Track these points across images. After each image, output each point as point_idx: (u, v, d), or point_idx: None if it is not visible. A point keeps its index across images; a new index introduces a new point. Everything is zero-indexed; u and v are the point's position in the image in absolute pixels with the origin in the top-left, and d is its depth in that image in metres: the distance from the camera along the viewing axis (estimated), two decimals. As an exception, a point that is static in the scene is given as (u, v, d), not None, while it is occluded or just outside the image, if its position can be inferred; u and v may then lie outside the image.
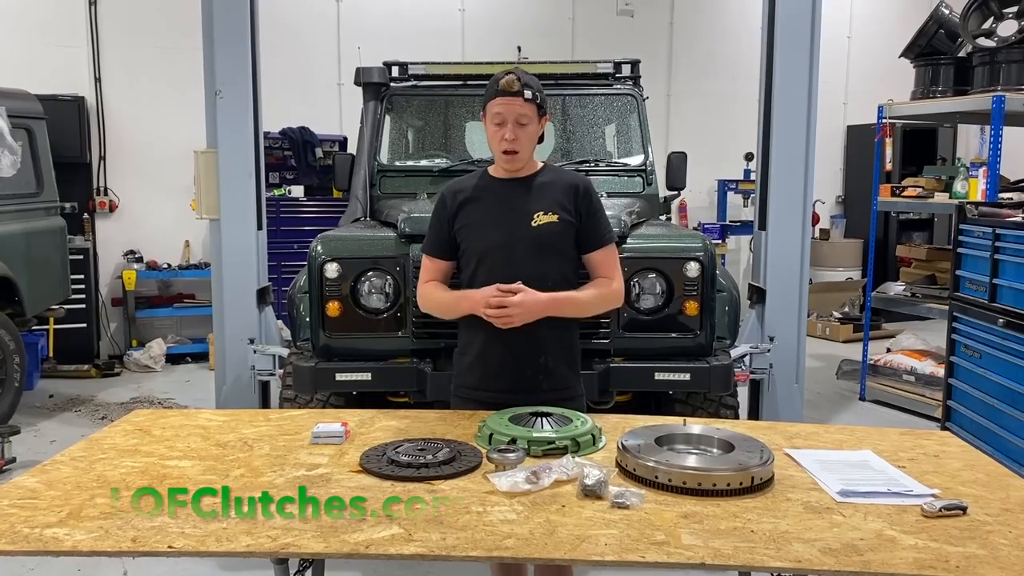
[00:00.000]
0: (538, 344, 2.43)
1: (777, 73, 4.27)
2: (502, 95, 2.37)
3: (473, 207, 2.48)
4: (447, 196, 2.53)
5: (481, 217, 2.47)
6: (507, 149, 2.39)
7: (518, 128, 2.38)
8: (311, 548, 1.60)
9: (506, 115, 2.37)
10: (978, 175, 5.62)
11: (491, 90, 2.41)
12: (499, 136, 2.39)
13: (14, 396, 5.43)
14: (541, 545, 1.59)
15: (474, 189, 2.51)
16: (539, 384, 2.44)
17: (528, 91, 2.37)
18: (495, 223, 2.45)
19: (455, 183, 2.57)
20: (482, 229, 2.46)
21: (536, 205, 2.44)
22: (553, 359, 2.47)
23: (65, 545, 1.60)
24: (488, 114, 2.42)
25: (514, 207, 2.45)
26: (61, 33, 7.27)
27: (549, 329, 2.42)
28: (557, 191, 2.47)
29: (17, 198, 5.76)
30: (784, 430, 2.33)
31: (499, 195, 2.48)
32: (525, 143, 2.41)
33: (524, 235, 2.42)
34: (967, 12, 5.76)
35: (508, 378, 2.44)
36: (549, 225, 2.42)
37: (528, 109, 2.38)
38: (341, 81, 7.92)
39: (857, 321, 8.24)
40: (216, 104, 4.15)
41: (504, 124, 2.38)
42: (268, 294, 4.44)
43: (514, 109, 2.37)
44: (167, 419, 2.42)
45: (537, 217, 2.43)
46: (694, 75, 9.05)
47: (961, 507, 1.74)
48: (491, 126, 2.42)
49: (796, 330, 4.30)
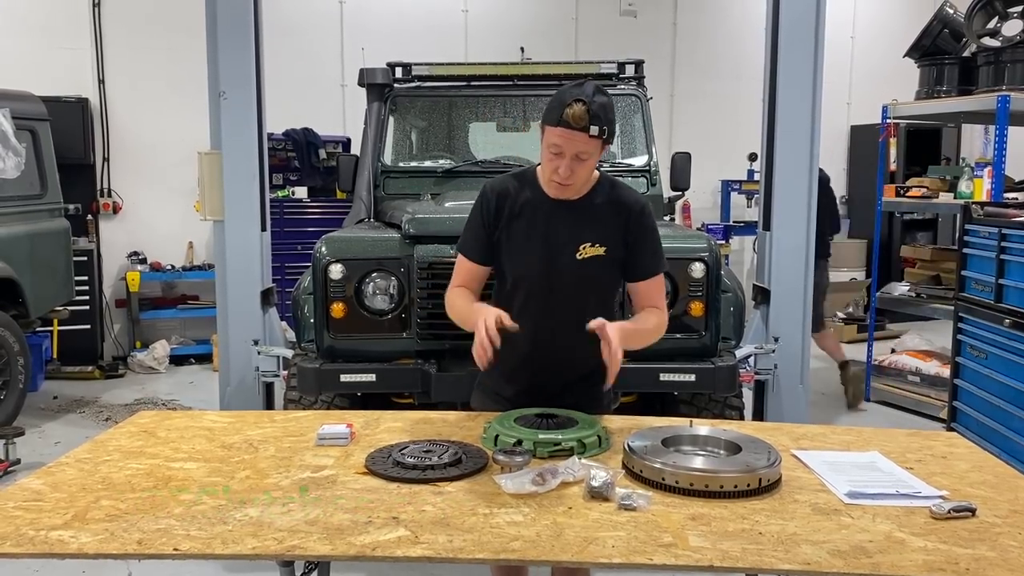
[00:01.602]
0: (569, 368, 2.36)
1: (781, 73, 4.25)
2: (565, 127, 2.09)
3: (518, 223, 2.30)
4: (491, 198, 2.33)
5: (524, 239, 2.29)
6: (560, 182, 2.19)
7: (576, 163, 2.15)
8: (317, 550, 1.59)
9: (565, 149, 2.13)
10: (983, 175, 5.60)
11: (553, 115, 2.12)
12: (553, 167, 2.17)
13: (18, 398, 5.43)
14: (548, 547, 1.58)
15: (522, 202, 2.30)
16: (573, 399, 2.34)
17: (595, 127, 2.09)
18: (538, 249, 2.28)
19: (499, 184, 2.35)
20: (524, 252, 2.30)
21: (585, 234, 2.26)
22: (581, 381, 2.38)
23: (70, 547, 1.59)
24: (545, 138, 2.17)
25: (561, 234, 2.27)
26: (65, 35, 7.29)
27: (581, 355, 2.27)
28: (608, 216, 2.28)
29: (21, 200, 5.77)
30: (791, 431, 2.32)
31: (547, 217, 2.28)
32: (582, 177, 2.21)
33: (567, 267, 2.27)
34: (972, 12, 5.74)
35: (536, 387, 2.37)
36: (595, 259, 2.27)
37: (592, 146, 2.13)
38: (344, 82, 7.94)
39: (861, 321, 8.23)
40: (220, 105, 4.14)
41: (561, 156, 2.14)
42: (272, 295, 4.43)
43: (575, 145, 2.12)
44: (172, 421, 2.41)
45: (583, 249, 2.26)
46: (697, 75, 9.04)
47: (970, 509, 1.73)
48: (546, 150, 2.18)
49: (801, 331, 4.29)
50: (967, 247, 4.85)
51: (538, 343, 2.31)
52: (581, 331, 2.17)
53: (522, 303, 2.32)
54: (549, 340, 2.32)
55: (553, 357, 2.34)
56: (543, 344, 2.32)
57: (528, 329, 2.24)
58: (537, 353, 2.33)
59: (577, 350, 2.27)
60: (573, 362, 2.35)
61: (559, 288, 2.30)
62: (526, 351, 2.31)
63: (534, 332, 2.28)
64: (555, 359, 2.33)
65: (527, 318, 2.26)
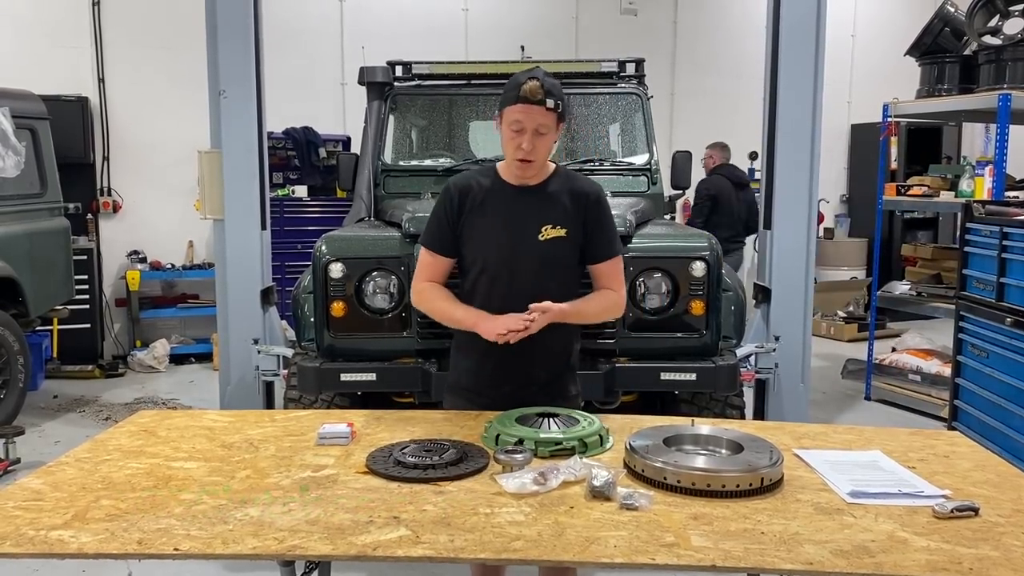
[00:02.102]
0: (540, 354, 2.41)
1: (782, 72, 4.25)
2: (524, 102, 2.24)
3: (480, 212, 2.39)
4: (453, 192, 2.42)
5: (488, 226, 2.39)
6: (523, 158, 2.29)
7: (536, 137, 2.27)
8: (318, 550, 1.58)
9: (525, 123, 2.25)
10: (984, 173, 5.60)
11: (511, 95, 2.27)
12: (515, 144, 2.28)
13: (18, 397, 5.43)
14: (550, 547, 1.57)
15: (483, 192, 2.41)
16: (538, 391, 2.42)
17: (551, 100, 2.24)
18: (502, 234, 2.38)
19: (462, 180, 2.47)
20: (487, 238, 2.39)
21: (545, 217, 2.37)
22: (554, 368, 2.47)
23: (70, 547, 1.59)
24: (505, 119, 2.30)
25: (522, 218, 2.37)
26: (65, 34, 7.28)
27: (551, 339, 2.38)
28: (567, 201, 2.39)
29: (21, 199, 5.76)
30: (792, 430, 2.32)
31: (508, 203, 2.39)
32: (542, 153, 2.32)
33: (530, 248, 2.35)
34: (973, 10, 5.73)
35: (508, 384, 2.43)
36: (556, 240, 2.36)
37: (549, 119, 2.27)
38: (345, 81, 7.93)
39: (862, 320, 8.23)
40: (220, 104, 4.14)
41: (522, 132, 2.26)
42: (272, 294, 4.43)
43: (535, 118, 2.25)
44: (172, 420, 2.41)
45: (545, 231, 2.36)
46: (698, 74, 9.04)
47: (973, 508, 1.73)
48: (507, 131, 2.30)
49: (802, 329, 4.29)
50: (968, 246, 4.84)
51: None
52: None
53: (487, 288, 2.39)
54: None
55: (524, 351, 2.36)
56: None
57: (494, 313, 2.32)
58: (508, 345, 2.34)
59: (546, 340, 2.35)
60: (539, 346, 2.38)
61: (523, 270, 2.37)
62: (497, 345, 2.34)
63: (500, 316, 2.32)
64: (521, 343, 2.34)
65: (492, 303, 2.36)
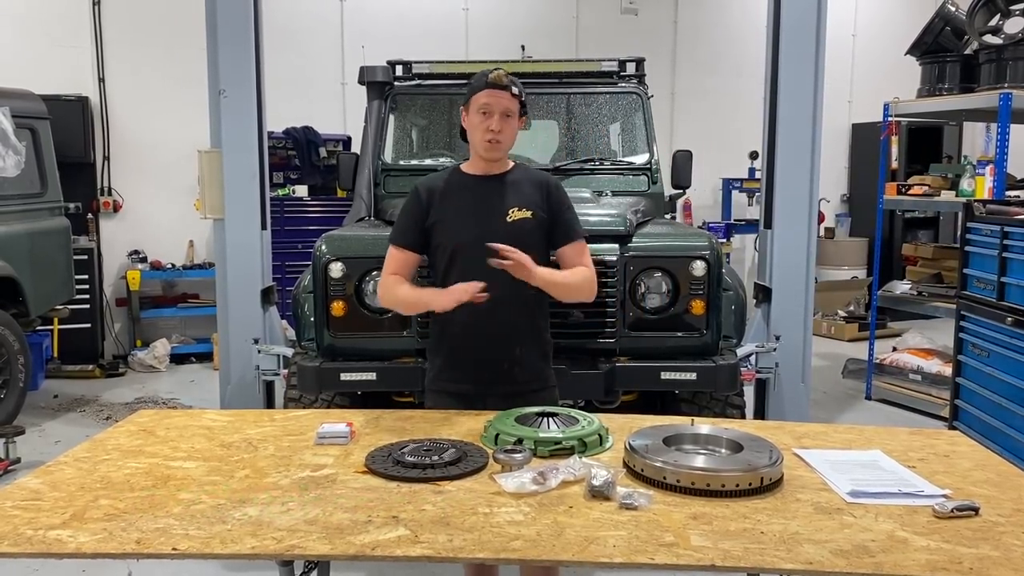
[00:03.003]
0: (511, 335, 2.49)
1: (782, 71, 4.25)
2: (491, 87, 2.44)
3: (448, 202, 2.52)
4: (421, 191, 2.56)
5: (456, 213, 2.51)
6: (492, 139, 2.44)
7: (504, 120, 2.45)
8: (317, 550, 1.58)
9: (494, 107, 2.43)
10: (984, 173, 5.59)
11: (479, 83, 2.47)
12: (485, 126, 2.44)
13: (18, 396, 5.43)
14: (549, 547, 1.57)
15: (448, 184, 2.56)
16: (513, 375, 2.49)
17: (515, 87, 2.46)
18: (470, 218, 2.49)
19: (427, 180, 2.61)
20: (457, 224, 2.50)
21: (511, 201, 2.50)
22: (526, 349, 2.53)
23: (69, 547, 1.59)
24: (473, 106, 2.47)
25: (489, 203, 2.50)
26: (65, 33, 7.28)
27: (521, 320, 2.50)
28: (529, 188, 2.54)
29: (21, 198, 5.76)
30: (792, 430, 2.31)
31: (473, 191, 2.53)
32: (509, 135, 2.48)
33: (499, 229, 2.44)
34: (974, 9, 5.73)
35: (483, 369, 2.49)
36: (523, 221, 2.49)
37: (514, 105, 2.46)
38: (345, 80, 7.92)
39: (862, 320, 8.22)
40: (220, 104, 4.14)
41: (491, 115, 2.44)
42: (272, 294, 4.43)
43: (502, 102, 2.44)
44: (171, 420, 2.41)
45: (512, 213, 2.48)
46: (698, 73, 9.03)
47: (973, 508, 1.72)
48: (475, 116, 2.46)
49: (802, 329, 4.28)
50: (969, 245, 4.84)
51: (477, 313, 2.39)
52: (517, 297, 2.43)
53: (458, 275, 2.44)
54: (488, 309, 2.39)
55: (493, 327, 2.46)
56: (483, 314, 2.40)
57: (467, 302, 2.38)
58: (478, 324, 2.44)
59: (515, 317, 2.49)
60: (512, 331, 2.49)
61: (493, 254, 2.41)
62: (466, 322, 2.43)
63: (472, 303, 2.36)
64: (495, 329, 2.47)
65: None
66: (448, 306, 2.35)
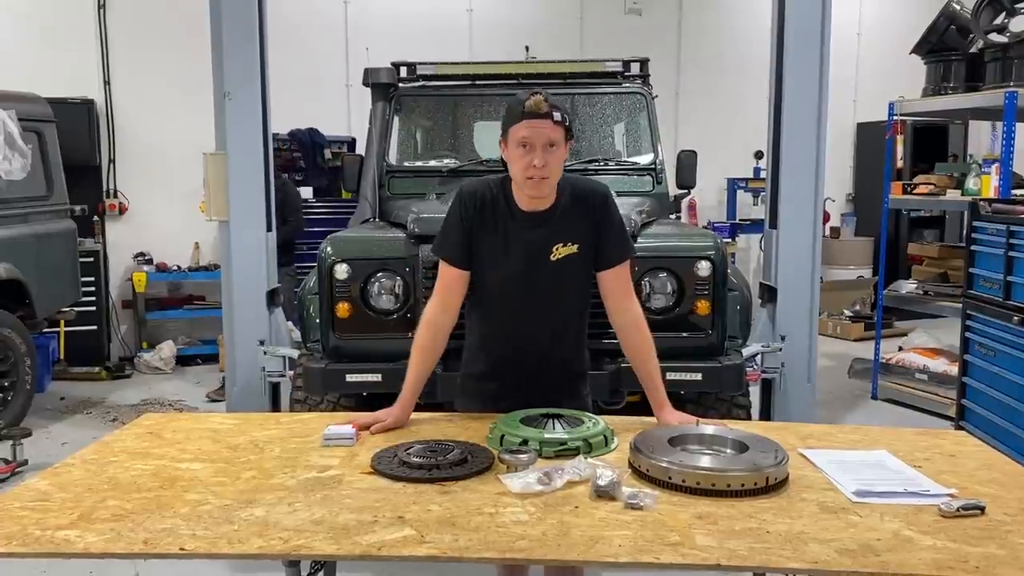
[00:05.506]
0: (553, 363, 2.42)
1: (787, 71, 4.24)
2: (530, 117, 2.16)
3: (493, 230, 2.33)
4: (468, 203, 2.34)
5: (501, 251, 2.33)
6: (535, 176, 2.20)
7: (547, 152, 2.18)
8: (323, 550, 1.59)
9: (534, 140, 2.16)
10: (990, 171, 5.58)
11: (515, 112, 2.20)
12: (526, 163, 2.18)
13: (25, 398, 5.45)
14: (554, 546, 1.57)
15: (496, 212, 2.33)
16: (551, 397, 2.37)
17: (557, 113, 2.18)
18: (515, 261, 2.32)
19: (477, 191, 2.36)
20: (500, 260, 2.33)
21: (556, 237, 2.31)
22: (568, 375, 2.46)
23: (77, 547, 1.59)
24: (511, 139, 2.21)
25: (534, 240, 2.31)
26: (70, 36, 7.30)
27: (562, 348, 2.41)
28: (577, 217, 2.33)
29: (27, 201, 5.78)
30: (798, 430, 2.31)
31: (520, 231, 2.32)
32: (556, 168, 2.23)
33: (543, 269, 2.31)
34: (979, 8, 5.71)
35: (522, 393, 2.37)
36: (568, 257, 2.32)
37: (558, 133, 2.19)
38: (349, 82, 7.92)
39: (868, 319, 8.20)
40: (225, 106, 4.15)
41: (532, 149, 2.17)
42: (278, 295, 4.44)
43: (543, 133, 2.17)
44: (178, 422, 2.42)
45: (556, 250, 2.31)
46: (703, 73, 9.02)
47: (979, 507, 1.72)
48: (515, 151, 2.20)
49: (808, 329, 4.27)
50: (975, 244, 4.82)
51: (519, 347, 2.38)
52: (559, 332, 2.39)
53: (501, 309, 2.38)
54: (529, 343, 2.37)
55: (534, 358, 2.39)
56: (523, 347, 2.38)
57: (508, 333, 2.37)
58: (518, 355, 2.39)
59: (556, 350, 2.40)
60: (552, 362, 2.41)
61: (536, 292, 2.35)
62: (507, 355, 2.39)
63: (514, 336, 2.36)
64: (536, 360, 2.39)
65: (507, 323, 2.39)
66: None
